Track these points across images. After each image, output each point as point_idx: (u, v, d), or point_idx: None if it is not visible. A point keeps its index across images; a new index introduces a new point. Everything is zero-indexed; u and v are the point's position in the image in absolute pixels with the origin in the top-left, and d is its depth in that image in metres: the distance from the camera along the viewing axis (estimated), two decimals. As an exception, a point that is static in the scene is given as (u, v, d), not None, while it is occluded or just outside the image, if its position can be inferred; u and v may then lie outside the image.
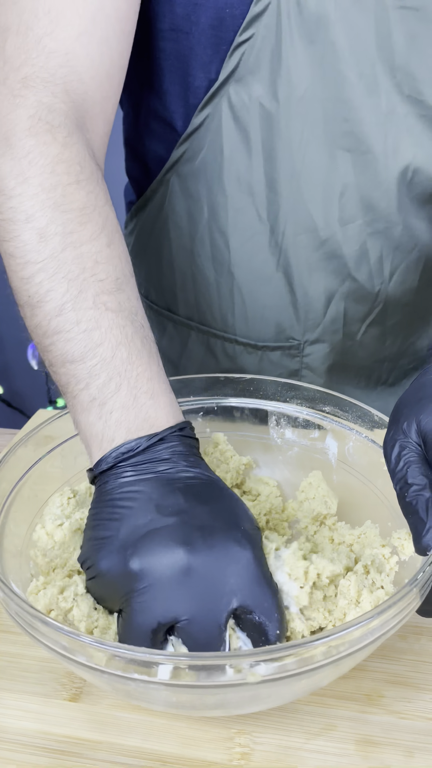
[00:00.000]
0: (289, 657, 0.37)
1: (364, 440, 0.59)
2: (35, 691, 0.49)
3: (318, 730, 0.46)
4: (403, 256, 0.73)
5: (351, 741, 0.46)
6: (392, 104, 0.65)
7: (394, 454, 0.46)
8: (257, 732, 0.46)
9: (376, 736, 0.46)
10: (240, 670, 0.37)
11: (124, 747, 0.45)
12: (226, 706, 0.44)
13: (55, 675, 0.50)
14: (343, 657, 0.39)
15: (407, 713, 0.47)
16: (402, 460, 0.45)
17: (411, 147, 0.66)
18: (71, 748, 0.45)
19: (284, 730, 0.46)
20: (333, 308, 0.76)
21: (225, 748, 0.45)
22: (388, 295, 0.75)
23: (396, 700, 0.48)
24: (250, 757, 0.45)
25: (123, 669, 0.38)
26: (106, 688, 0.43)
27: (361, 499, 0.57)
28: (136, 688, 0.39)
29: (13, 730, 0.46)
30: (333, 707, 0.48)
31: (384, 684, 0.49)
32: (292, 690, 0.43)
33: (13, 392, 1.92)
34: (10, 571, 0.47)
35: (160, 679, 0.38)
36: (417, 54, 0.63)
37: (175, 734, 0.46)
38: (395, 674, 0.50)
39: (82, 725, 0.47)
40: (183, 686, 0.38)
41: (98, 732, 0.46)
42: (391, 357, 0.83)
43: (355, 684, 0.49)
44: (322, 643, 0.38)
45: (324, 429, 0.62)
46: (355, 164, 0.68)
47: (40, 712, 0.47)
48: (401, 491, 0.44)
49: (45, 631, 0.40)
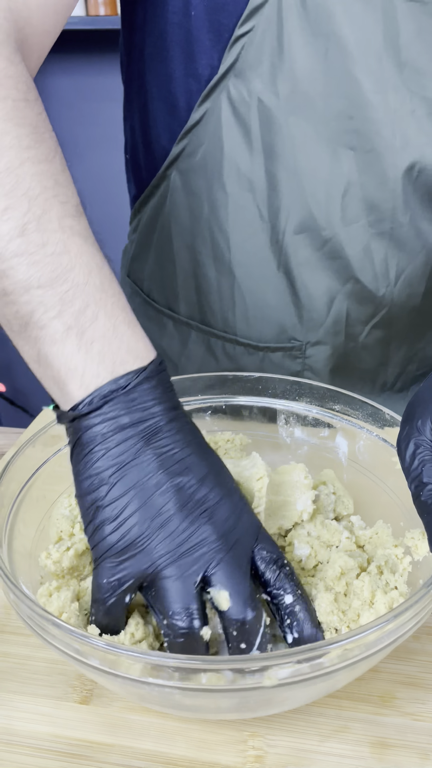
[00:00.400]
0: (305, 660, 0.37)
1: (375, 439, 0.59)
2: (46, 694, 0.48)
3: (331, 732, 0.46)
4: (409, 259, 0.72)
5: (365, 743, 0.45)
6: (399, 101, 0.63)
7: (408, 452, 0.45)
8: (270, 734, 0.46)
9: (390, 738, 0.45)
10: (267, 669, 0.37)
11: (136, 750, 0.45)
12: (241, 710, 0.43)
13: (65, 677, 0.49)
14: (359, 660, 0.39)
15: (421, 715, 0.47)
16: (417, 458, 0.45)
17: (418, 145, 0.65)
18: (82, 751, 0.45)
19: (298, 732, 0.46)
20: (335, 309, 0.75)
21: (238, 750, 0.45)
22: (393, 298, 0.74)
23: (409, 702, 0.48)
24: (264, 759, 0.44)
25: (139, 673, 0.37)
26: (121, 692, 0.43)
27: (372, 499, 0.57)
28: (150, 691, 0.39)
29: (24, 733, 0.46)
30: (346, 709, 0.47)
31: (397, 685, 0.49)
32: (307, 693, 0.42)
33: (16, 390, 1.92)
34: (20, 573, 0.46)
35: (174, 683, 0.37)
36: (425, 49, 0.62)
37: (187, 737, 0.45)
38: (408, 675, 0.50)
39: (94, 728, 0.46)
40: (198, 690, 0.38)
41: (110, 735, 0.46)
42: (398, 362, 0.82)
43: (368, 686, 0.49)
44: (338, 647, 0.38)
45: (334, 428, 0.62)
46: (359, 162, 0.66)
47: (51, 714, 0.47)
48: (416, 490, 0.44)
49: (57, 634, 0.40)
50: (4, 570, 0.43)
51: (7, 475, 0.51)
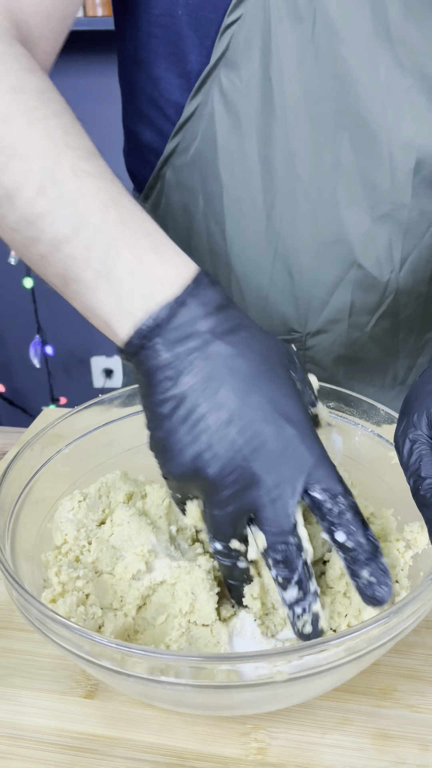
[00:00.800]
0: (313, 654, 0.38)
1: (370, 435, 0.60)
2: (50, 689, 0.49)
3: (333, 724, 0.47)
4: (414, 242, 0.70)
5: (366, 735, 0.46)
6: (392, 78, 0.63)
7: (406, 447, 0.46)
8: (273, 727, 0.46)
9: (392, 730, 0.46)
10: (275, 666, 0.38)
11: (141, 743, 0.45)
12: (250, 706, 0.44)
13: (70, 672, 0.50)
14: (365, 653, 0.39)
15: (421, 707, 0.48)
16: (414, 453, 0.45)
17: (414, 122, 0.64)
18: (87, 745, 0.45)
19: (300, 725, 0.47)
20: (338, 297, 0.74)
21: (241, 743, 0.45)
22: (399, 284, 0.73)
23: (410, 694, 0.48)
24: (267, 752, 0.45)
25: (149, 672, 0.38)
26: (131, 692, 0.43)
27: (369, 495, 0.58)
28: (162, 690, 0.39)
29: (29, 727, 0.46)
30: (348, 702, 0.48)
31: (398, 678, 0.50)
32: (315, 687, 0.43)
33: (15, 390, 1.92)
34: (24, 576, 0.47)
35: (186, 681, 0.38)
36: (414, 24, 0.61)
37: (191, 730, 0.46)
38: (408, 668, 0.50)
39: (98, 722, 0.47)
40: (209, 687, 0.38)
41: (114, 728, 0.46)
42: (407, 353, 0.81)
43: (369, 678, 0.49)
44: (345, 640, 0.38)
45: (329, 424, 0.62)
46: (354, 143, 0.65)
47: (56, 709, 0.47)
48: (415, 484, 0.44)
49: (68, 636, 0.40)
50: (10, 573, 0.43)
51: (8, 477, 0.51)
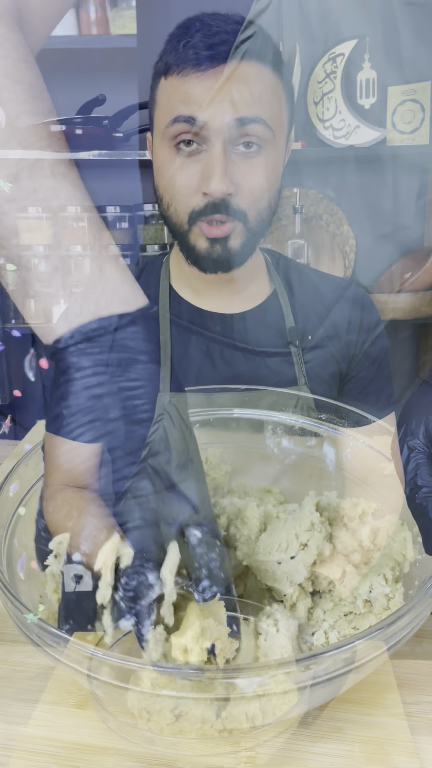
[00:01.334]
0: (312, 666, 0.38)
1: (361, 446, 0.60)
2: (42, 699, 0.49)
3: (324, 732, 0.47)
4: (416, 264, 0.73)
5: (356, 743, 0.46)
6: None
7: (403, 456, 0.46)
8: (263, 735, 0.46)
9: (382, 739, 0.46)
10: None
11: (132, 753, 0.45)
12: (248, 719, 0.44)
13: (61, 683, 0.50)
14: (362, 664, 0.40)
15: (411, 715, 0.48)
16: (412, 461, 0.46)
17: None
18: (79, 755, 0.45)
19: (290, 733, 0.47)
20: (336, 314, 0.76)
21: (231, 751, 0.45)
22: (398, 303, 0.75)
23: (399, 703, 0.49)
24: (256, 760, 0.45)
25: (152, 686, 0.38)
26: (132, 707, 0.43)
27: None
28: (164, 702, 0.39)
29: (21, 737, 0.46)
30: (338, 710, 0.48)
31: (388, 687, 0.50)
32: (312, 698, 0.43)
33: (10, 403, 1.91)
34: (21, 592, 0.47)
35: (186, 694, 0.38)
36: (426, 49, 0.64)
37: (181, 739, 0.46)
38: (399, 677, 0.51)
39: (90, 732, 0.47)
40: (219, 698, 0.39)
41: (106, 738, 0.46)
42: (405, 373, 0.82)
43: (360, 687, 0.50)
44: (342, 651, 0.39)
45: (320, 436, 0.63)
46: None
47: (48, 719, 0.47)
48: (411, 493, 0.45)
49: (70, 653, 0.40)
50: (7, 587, 0.44)
51: (3, 491, 0.52)
